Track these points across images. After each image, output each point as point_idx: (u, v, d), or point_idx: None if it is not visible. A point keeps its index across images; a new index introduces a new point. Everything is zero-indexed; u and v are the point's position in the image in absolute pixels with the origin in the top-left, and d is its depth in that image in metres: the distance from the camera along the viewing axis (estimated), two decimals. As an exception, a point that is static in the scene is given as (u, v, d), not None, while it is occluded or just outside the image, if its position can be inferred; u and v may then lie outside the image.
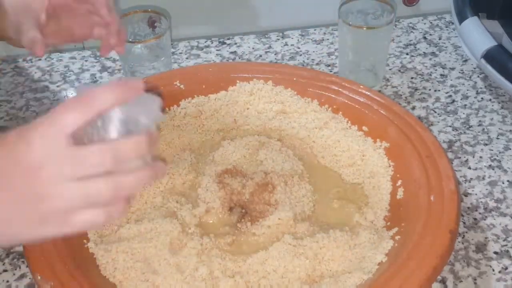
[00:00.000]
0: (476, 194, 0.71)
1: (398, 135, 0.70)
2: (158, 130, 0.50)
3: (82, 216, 0.46)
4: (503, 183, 0.72)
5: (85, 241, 0.61)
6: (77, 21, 0.70)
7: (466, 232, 0.67)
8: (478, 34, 0.81)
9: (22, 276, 0.64)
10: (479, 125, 0.80)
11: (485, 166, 0.75)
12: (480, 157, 0.76)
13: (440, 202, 0.61)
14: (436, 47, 0.94)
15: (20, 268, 0.65)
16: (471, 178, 0.73)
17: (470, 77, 0.88)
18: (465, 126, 0.80)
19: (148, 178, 0.48)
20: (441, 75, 0.89)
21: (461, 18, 0.85)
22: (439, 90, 0.86)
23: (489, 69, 0.79)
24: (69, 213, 0.46)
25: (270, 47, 0.95)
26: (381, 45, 0.82)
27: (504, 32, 0.83)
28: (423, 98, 0.85)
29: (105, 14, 0.69)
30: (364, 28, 0.80)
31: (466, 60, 0.91)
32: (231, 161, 0.69)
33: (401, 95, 0.85)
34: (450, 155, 0.76)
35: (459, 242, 0.66)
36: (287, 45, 0.95)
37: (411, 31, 0.98)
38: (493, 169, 0.74)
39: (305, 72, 0.80)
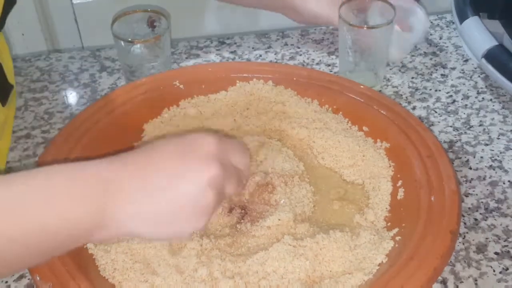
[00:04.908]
0: (477, 195, 0.71)
1: (398, 135, 0.69)
2: None
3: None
4: (504, 183, 0.72)
5: (84, 241, 0.61)
6: None
7: (467, 233, 0.67)
8: (479, 34, 0.81)
9: (21, 276, 0.64)
10: (480, 125, 0.80)
11: (486, 166, 0.74)
12: (481, 157, 0.76)
13: (441, 202, 0.61)
14: (436, 47, 0.93)
15: (19, 268, 0.64)
16: (472, 179, 0.73)
17: (471, 77, 0.88)
18: (465, 126, 0.80)
19: None
20: (441, 75, 0.88)
21: (462, 17, 0.84)
22: (439, 90, 0.86)
23: (490, 69, 0.79)
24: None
25: (270, 47, 0.95)
26: (381, 45, 0.82)
27: (505, 32, 0.83)
28: (424, 98, 0.84)
29: None
30: (364, 28, 0.80)
31: (466, 60, 0.90)
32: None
33: (401, 95, 0.85)
34: (450, 155, 0.76)
35: (459, 242, 0.66)
36: (287, 45, 0.95)
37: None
38: (494, 170, 0.74)
39: (305, 72, 0.79)
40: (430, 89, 0.86)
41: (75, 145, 0.68)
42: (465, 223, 0.68)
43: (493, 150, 0.76)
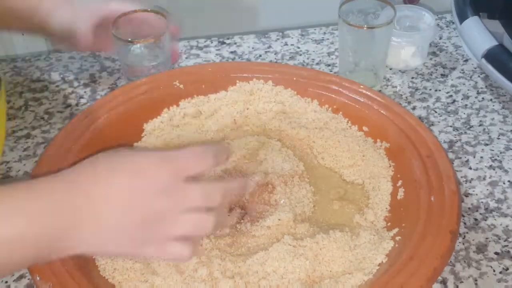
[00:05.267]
0: (476, 195, 0.71)
1: (398, 135, 0.69)
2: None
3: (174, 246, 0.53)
4: (504, 183, 0.72)
5: (84, 241, 0.61)
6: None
7: (467, 233, 0.67)
8: (478, 34, 0.81)
9: (21, 276, 0.64)
10: (480, 125, 0.80)
11: (485, 166, 0.74)
12: (481, 157, 0.76)
13: (441, 202, 0.61)
14: (436, 46, 0.93)
15: (19, 268, 0.64)
16: (471, 179, 0.73)
17: (470, 77, 0.88)
18: (465, 126, 0.80)
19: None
20: (441, 75, 0.88)
21: (462, 17, 0.84)
22: (439, 90, 0.86)
23: (490, 69, 0.79)
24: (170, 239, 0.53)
25: (270, 47, 0.95)
26: (381, 45, 0.82)
27: (505, 32, 0.82)
28: (424, 98, 0.84)
29: None
30: (364, 28, 0.80)
31: (466, 60, 0.90)
32: (231, 161, 0.69)
33: (401, 95, 0.85)
34: (450, 155, 0.76)
35: (459, 242, 0.66)
36: (287, 44, 0.95)
37: (412, 31, 0.97)
38: (494, 169, 0.74)
39: (305, 72, 0.79)
40: (430, 89, 0.86)
41: (75, 145, 0.68)
42: (465, 223, 0.68)
43: (493, 150, 0.76)
